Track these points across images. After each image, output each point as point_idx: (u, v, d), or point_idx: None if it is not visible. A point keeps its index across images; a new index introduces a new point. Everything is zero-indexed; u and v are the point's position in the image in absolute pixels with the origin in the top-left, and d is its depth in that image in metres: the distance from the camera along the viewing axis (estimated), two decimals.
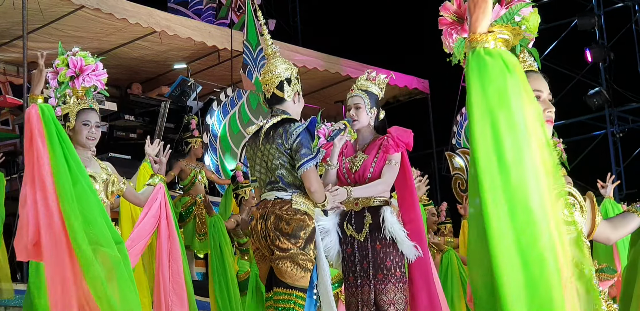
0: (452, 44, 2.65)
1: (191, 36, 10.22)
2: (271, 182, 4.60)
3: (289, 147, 4.52)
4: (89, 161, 4.82)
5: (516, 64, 2.13)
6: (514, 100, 2.08)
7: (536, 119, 2.09)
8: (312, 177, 4.48)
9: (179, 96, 10.53)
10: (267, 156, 4.60)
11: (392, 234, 4.79)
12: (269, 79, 4.69)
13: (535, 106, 2.11)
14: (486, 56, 2.13)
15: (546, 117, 2.61)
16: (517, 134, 2.06)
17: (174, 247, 5.13)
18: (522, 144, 2.05)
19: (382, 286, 4.78)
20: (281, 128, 4.56)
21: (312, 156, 4.48)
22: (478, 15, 2.15)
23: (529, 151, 2.05)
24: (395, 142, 4.91)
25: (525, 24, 2.64)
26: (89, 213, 3.99)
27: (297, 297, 4.45)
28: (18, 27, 9.00)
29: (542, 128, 2.11)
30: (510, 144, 2.05)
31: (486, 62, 2.13)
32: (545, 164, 2.06)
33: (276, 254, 4.47)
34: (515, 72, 2.10)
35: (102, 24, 9.74)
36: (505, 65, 2.11)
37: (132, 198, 5.09)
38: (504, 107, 2.08)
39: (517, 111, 2.07)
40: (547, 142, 2.09)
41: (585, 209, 2.54)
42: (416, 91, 12.73)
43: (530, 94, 2.11)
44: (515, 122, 2.07)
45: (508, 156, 2.05)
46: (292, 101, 4.68)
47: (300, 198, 4.54)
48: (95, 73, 4.83)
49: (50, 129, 4.03)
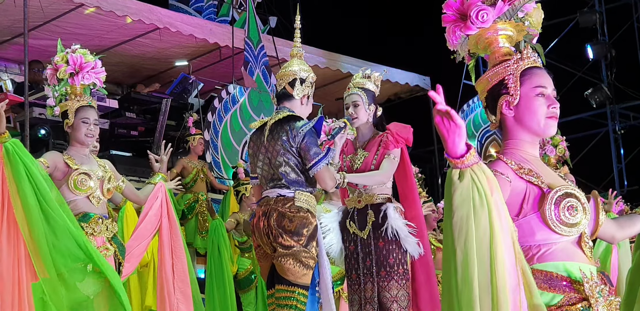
0: (456, 42, 2.64)
1: (193, 33, 10.21)
2: (273, 179, 4.60)
3: (296, 146, 4.52)
4: (86, 158, 4.82)
5: (487, 183, 2.23)
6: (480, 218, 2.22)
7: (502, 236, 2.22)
8: (326, 176, 4.50)
9: (180, 93, 10.53)
10: (271, 152, 4.59)
11: (395, 231, 4.79)
12: (284, 74, 4.72)
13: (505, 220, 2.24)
14: (459, 179, 2.23)
15: (550, 114, 2.60)
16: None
17: (177, 245, 5.12)
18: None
19: (384, 284, 4.78)
20: (287, 125, 4.56)
21: (322, 155, 4.49)
22: (454, 138, 2.20)
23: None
24: (394, 138, 4.91)
25: (528, 20, 2.63)
26: (63, 245, 4.19)
27: (299, 294, 4.46)
28: (19, 24, 8.96)
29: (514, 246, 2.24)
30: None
31: (458, 185, 2.24)
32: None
33: (279, 251, 4.47)
34: (484, 195, 2.21)
35: (103, 21, 9.74)
36: (477, 190, 2.21)
37: (132, 196, 5.09)
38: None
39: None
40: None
41: (588, 210, 2.53)
42: (417, 87, 12.71)
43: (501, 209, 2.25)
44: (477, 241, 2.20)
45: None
46: (299, 101, 4.69)
47: (302, 196, 4.54)
48: (94, 71, 4.84)
49: (16, 167, 4.16)
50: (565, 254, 2.50)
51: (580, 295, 2.46)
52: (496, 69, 2.63)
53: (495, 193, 2.23)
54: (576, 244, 2.54)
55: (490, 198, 2.21)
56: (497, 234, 2.19)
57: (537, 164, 2.59)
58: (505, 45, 2.66)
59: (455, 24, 2.61)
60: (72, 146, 4.85)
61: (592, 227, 2.66)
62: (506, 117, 2.63)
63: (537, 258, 2.50)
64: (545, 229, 2.49)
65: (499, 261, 2.18)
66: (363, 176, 4.87)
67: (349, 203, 5.00)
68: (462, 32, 2.60)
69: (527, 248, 2.51)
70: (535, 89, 2.60)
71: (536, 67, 2.63)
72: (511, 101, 2.60)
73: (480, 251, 2.18)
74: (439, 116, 2.19)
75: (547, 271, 2.48)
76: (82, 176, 4.70)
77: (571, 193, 2.51)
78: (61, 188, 4.69)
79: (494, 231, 2.19)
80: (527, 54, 2.63)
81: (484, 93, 2.67)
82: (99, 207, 4.77)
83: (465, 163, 2.22)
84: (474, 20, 2.57)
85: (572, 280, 2.47)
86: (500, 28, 2.63)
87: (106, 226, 4.73)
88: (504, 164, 2.53)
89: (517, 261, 2.23)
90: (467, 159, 2.22)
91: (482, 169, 2.23)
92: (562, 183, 2.55)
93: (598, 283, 2.49)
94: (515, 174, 2.51)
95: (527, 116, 2.60)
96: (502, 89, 2.61)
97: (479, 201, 2.21)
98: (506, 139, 2.65)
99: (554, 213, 2.48)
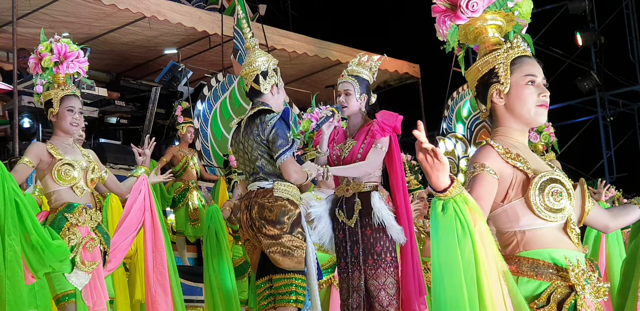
0: (446, 32, 2.64)
1: (181, 21, 10.18)
2: (253, 173, 4.66)
3: (265, 138, 4.57)
4: (70, 148, 4.82)
5: (469, 213, 2.29)
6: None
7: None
8: (290, 168, 4.53)
9: (169, 82, 10.50)
10: (247, 147, 4.66)
11: (380, 219, 4.79)
12: (247, 72, 4.77)
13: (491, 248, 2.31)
14: (442, 211, 2.30)
15: (541, 102, 2.62)
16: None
17: (158, 238, 5.13)
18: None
19: (372, 272, 4.78)
20: (257, 119, 4.63)
21: (287, 147, 4.53)
22: (438, 174, 2.26)
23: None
24: (380, 127, 4.90)
25: (518, 10, 2.64)
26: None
27: (298, 280, 4.52)
28: (7, 12, 8.95)
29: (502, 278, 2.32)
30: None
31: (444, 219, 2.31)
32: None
33: (265, 242, 4.51)
34: (466, 225, 2.28)
35: (92, 9, 9.69)
36: (460, 221, 2.28)
37: (114, 187, 5.07)
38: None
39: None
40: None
41: (573, 196, 2.55)
42: (407, 75, 12.70)
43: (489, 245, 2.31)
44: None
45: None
46: (270, 94, 4.73)
47: (281, 186, 4.59)
48: (78, 60, 4.84)
49: None
50: (551, 240, 2.52)
51: (567, 283, 2.47)
52: (486, 58, 2.64)
53: (479, 222, 2.30)
54: (562, 231, 2.55)
55: (473, 229, 2.28)
56: (481, 264, 2.26)
57: (525, 151, 2.61)
58: (495, 35, 2.66)
59: (445, 13, 2.61)
60: (56, 135, 4.83)
61: (579, 214, 2.67)
62: (496, 105, 2.64)
63: (523, 245, 2.52)
64: (530, 214, 2.51)
65: (486, 291, 2.25)
66: (347, 168, 4.87)
67: (338, 192, 5.01)
68: (452, 21, 2.61)
69: (512, 234, 2.54)
70: (525, 78, 2.61)
71: (526, 56, 2.64)
72: (502, 89, 2.62)
73: (467, 281, 2.25)
74: (422, 153, 2.25)
75: (534, 259, 2.50)
76: (65, 167, 4.69)
77: (556, 178, 2.53)
78: (45, 178, 4.72)
79: (478, 261, 2.26)
80: (517, 43, 2.64)
81: (474, 82, 2.68)
82: (82, 197, 4.76)
83: (448, 196, 2.28)
84: (464, 10, 2.58)
85: (558, 267, 2.49)
86: (489, 18, 2.63)
87: (90, 216, 4.73)
88: (492, 150, 2.55)
89: (503, 287, 2.30)
90: (450, 192, 2.28)
91: (465, 200, 2.30)
92: (547, 169, 2.56)
93: (585, 270, 2.50)
94: (501, 158, 2.53)
95: (517, 104, 2.61)
96: (493, 78, 2.63)
97: (461, 232, 2.27)
98: (496, 126, 2.67)
99: (538, 198, 2.50)
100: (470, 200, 2.30)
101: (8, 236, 4.30)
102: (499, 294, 2.27)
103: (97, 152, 5.23)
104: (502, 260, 2.35)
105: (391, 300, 4.75)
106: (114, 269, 5.10)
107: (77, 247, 4.61)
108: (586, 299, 2.47)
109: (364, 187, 4.90)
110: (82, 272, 4.61)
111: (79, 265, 4.58)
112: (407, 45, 12.70)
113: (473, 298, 2.23)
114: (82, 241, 4.64)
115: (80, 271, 4.60)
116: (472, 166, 2.54)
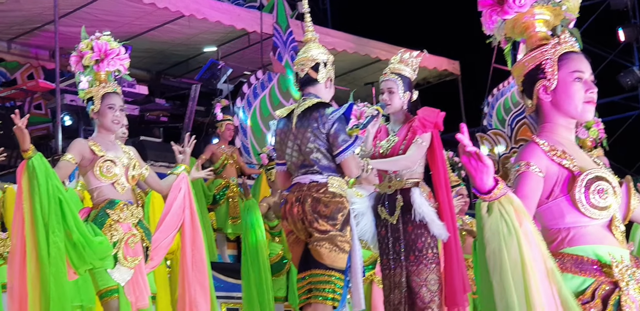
0: (492, 26, 2.62)
1: (220, 19, 10.23)
2: (305, 166, 4.61)
3: (326, 132, 4.53)
4: (112, 144, 4.84)
5: (514, 214, 2.30)
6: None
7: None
8: (352, 164, 4.53)
9: (209, 79, 10.55)
10: (300, 139, 4.60)
11: (421, 215, 4.78)
12: (305, 59, 4.71)
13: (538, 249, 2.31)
14: (487, 212, 2.31)
15: (588, 99, 2.59)
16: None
17: (197, 236, 5.13)
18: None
19: (414, 268, 4.78)
20: (316, 112, 4.57)
21: (350, 143, 4.50)
22: (482, 177, 2.28)
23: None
24: (421, 123, 4.89)
25: (565, 4, 2.61)
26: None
27: (336, 278, 4.49)
28: (49, 12, 9.05)
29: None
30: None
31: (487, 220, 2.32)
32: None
33: (315, 236, 4.49)
34: (512, 226, 2.29)
35: (132, 8, 9.78)
36: (505, 222, 2.29)
37: (154, 184, 5.08)
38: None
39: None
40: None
41: (618, 193, 2.52)
42: (446, 72, 12.65)
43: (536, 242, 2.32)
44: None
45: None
46: (324, 85, 4.69)
47: (335, 181, 4.56)
48: (119, 57, 4.85)
49: (34, 182, 4.43)
50: (595, 237, 2.50)
51: (611, 279, 2.45)
52: (533, 54, 2.62)
53: (525, 221, 2.30)
54: (607, 228, 2.53)
55: (519, 229, 2.28)
56: (528, 264, 2.26)
57: (571, 148, 2.58)
58: (542, 30, 2.64)
59: (492, 8, 2.60)
60: (98, 132, 4.87)
61: (624, 212, 2.64)
62: (543, 101, 2.62)
63: (567, 242, 2.50)
64: (575, 212, 2.49)
65: (534, 291, 2.25)
66: (387, 161, 4.87)
67: (380, 188, 5.00)
68: (499, 16, 2.59)
69: (557, 231, 2.52)
70: (572, 74, 2.59)
71: (574, 52, 2.62)
72: (548, 85, 2.59)
73: (514, 282, 2.25)
74: (466, 156, 2.27)
75: (577, 255, 2.48)
76: (107, 163, 4.73)
77: (602, 176, 2.51)
78: (87, 175, 4.75)
79: (524, 261, 2.26)
80: (565, 39, 2.61)
81: (521, 77, 2.66)
82: (124, 194, 4.79)
83: (492, 197, 2.29)
84: (512, 5, 2.56)
85: (602, 263, 2.47)
86: (537, 12, 2.61)
87: (131, 212, 4.76)
88: (537, 147, 2.53)
89: (551, 285, 2.29)
90: (495, 194, 2.29)
91: (510, 200, 2.30)
92: (594, 167, 2.54)
93: (629, 267, 2.48)
94: (547, 156, 2.51)
95: (564, 100, 2.59)
96: (539, 73, 2.60)
97: (507, 233, 2.28)
98: (542, 122, 2.64)
99: (583, 195, 2.48)
100: (515, 200, 2.30)
101: (52, 233, 4.36)
102: (548, 293, 2.26)
103: (138, 149, 5.25)
104: (550, 258, 2.33)
105: (433, 297, 4.75)
106: (155, 266, 5.12)
107: (120, 243, 4.64)
108: (630, 295, 2.45)
109: (406, 183, 4.89)
110: (125, 268, 4.64)
111: (121, 260, 4.62)
112: (447, 42, 12.64)
113: (521, 299, 2.23)
114: (124, 237, 4.67)
115: (122, 266, 4.63)
116: (517, 164, 2.52)
